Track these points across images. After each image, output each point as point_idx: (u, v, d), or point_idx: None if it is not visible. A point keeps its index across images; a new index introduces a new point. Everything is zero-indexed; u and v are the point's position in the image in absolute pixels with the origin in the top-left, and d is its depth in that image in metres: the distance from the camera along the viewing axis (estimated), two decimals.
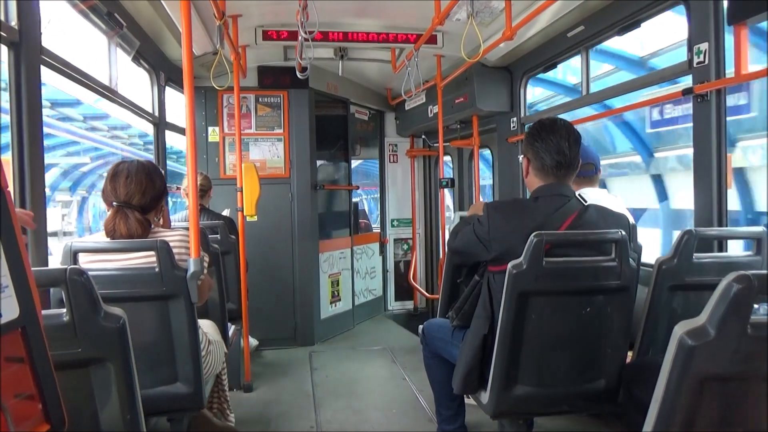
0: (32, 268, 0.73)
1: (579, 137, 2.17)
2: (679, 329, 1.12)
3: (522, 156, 2.25)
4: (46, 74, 2.35)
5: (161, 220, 2.39)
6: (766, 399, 1.16)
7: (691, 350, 1.09)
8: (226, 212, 4.37)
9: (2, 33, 2.01)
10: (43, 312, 0.76)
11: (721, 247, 2.51)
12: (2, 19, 2.05)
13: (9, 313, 0.62)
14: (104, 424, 1.39)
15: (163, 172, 2.30)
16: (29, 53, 2.17)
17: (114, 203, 2.13)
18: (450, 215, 6.56)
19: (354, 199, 6.18)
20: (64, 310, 1.34)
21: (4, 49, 2.08)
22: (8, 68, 2.11)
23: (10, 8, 2.09)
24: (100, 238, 2.13)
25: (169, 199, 2.47)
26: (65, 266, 1.37)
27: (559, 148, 2.12)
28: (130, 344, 1.40)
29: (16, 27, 2.10)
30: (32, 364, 0.66)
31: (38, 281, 1.08)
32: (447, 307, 2.64)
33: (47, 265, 2.20)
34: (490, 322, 2.15)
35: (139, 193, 2.14)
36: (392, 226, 6.64)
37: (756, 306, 1.12)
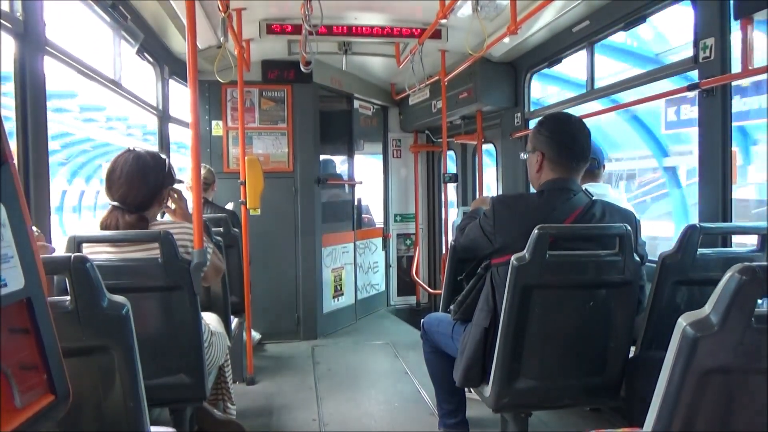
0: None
1: (589, 131, 2.18)
2: (684, 320, 1.11)
3: (530, 152, 2.24)
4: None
5: (175, 208, 2.36)
6: None
7: (694, 342, 1.09)
8: (229, 206, 4.37)
9: (7, 24, 2.01)
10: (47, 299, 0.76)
11: (726, 243, 2.50)
12: (7, 10, 2.05)
13: (14, 283, 0.62)
14: (107, 412, 1.40)
15: (167, 161, 2.29)
16: (33, 45, 2.18)
17: (110, 203, 2.14)
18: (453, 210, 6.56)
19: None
20: (68, 297, 1.34)
21: (10, 40, 2.09)
22: (13, 59, 2.11)
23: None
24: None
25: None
26: (69, 254, 1.37)
27: (575, 138, 2.13)
28: (133, 332, 1.40)
29: (21, 18, 2.11)
30: (37, 335, 0.67)
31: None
32: (449, 302, 2.64)
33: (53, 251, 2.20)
34: (492, 316, 2.15)
35: (132, 194, 2.13)
36: (395, 221, 6.64)
37: (759, 301, 1.11)
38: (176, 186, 2.37)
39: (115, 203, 2.13)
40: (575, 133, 2.15)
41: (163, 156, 2.31)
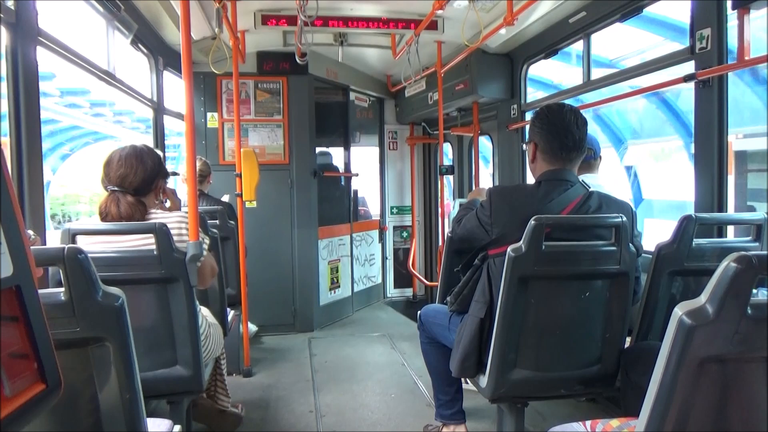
0: (31, 248, 0.72)
1: (586, 121, 2.17)
2: (680, 310, 1.11)
3: (528, 143, 2.25)
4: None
5: (168, 202, 2.40)
6: (765, 381, 1.16)
7: (690, 331, 1.09)
8: (225, 198, 4.36)
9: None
10: (41, 291, 0.75)
11: (721, 233, 2.51)
12: None
13: (2, 270, 0.62)
14: (103, 404, 1.39)
15: (161, 154, 2.30)
16: (26, 34, 2.16)
17: (108, 188, 2.15)
18: (449, 202, 6.56)
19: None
20: (62, 289, 1.34)
21: (2, 29, 2.07)
22: (5, 49, 2.09)
23: None
24: (97, 222, 2.13)
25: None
26: (63, 245, 1.36)
27: (568, 129, 2.12)
28: (128, 324, 1.40)
29: (13, 8, 2.08)
30: (27, 323, 0.66)
31: (36, 260, 1.08)
32: (445, 294, 2.65)
33: (45, 245, 2.19)
34: (489, 307, 2.15)
35: (130, 176, 2.16)
36: (392, 213, 6.64)
37: (755, 290, 1.11)
38: (171, 178, 2.38)
39: (114, 188, 2.14)
40: (568, 124, 2.14)
41: (158, 151, 2.34)
